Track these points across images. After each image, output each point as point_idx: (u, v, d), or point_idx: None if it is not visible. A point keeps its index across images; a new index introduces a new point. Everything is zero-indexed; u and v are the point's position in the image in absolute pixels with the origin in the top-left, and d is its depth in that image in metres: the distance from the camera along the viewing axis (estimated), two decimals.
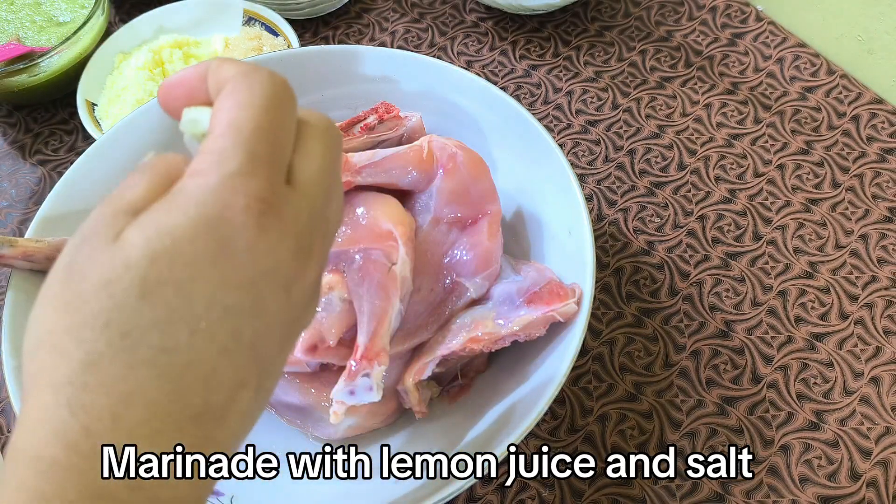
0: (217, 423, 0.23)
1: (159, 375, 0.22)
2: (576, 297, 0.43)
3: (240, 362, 0.23)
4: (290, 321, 0.25)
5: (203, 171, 0.23)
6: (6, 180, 0.65)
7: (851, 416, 0.49)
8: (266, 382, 0.25)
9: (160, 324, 0.22)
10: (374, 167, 0.45)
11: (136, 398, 0.22)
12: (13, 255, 0.44)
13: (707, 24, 0.69)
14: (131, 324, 0.22)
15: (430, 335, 0.45)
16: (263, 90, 0.24)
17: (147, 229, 0.22)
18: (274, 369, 0.26)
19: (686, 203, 0.59)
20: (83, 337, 0.22)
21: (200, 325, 0.22)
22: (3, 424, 0.53)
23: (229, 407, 0.23)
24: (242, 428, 0.25)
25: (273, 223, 0.23)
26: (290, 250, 0.24)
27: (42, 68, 0.64)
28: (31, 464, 0.21)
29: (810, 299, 0.54)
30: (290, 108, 0.25)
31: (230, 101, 0.24)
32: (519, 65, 0.68)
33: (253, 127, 0.24)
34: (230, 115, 0.24)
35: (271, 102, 0.24)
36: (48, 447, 0.21)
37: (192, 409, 0.22)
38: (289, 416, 0.46)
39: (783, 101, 0.64)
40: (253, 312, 0.23)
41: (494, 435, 0.41)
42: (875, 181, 0.59)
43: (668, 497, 0.47)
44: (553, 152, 0.47)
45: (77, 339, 0.22)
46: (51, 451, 0.21)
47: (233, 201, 0.23)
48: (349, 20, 0.73)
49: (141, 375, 0.22)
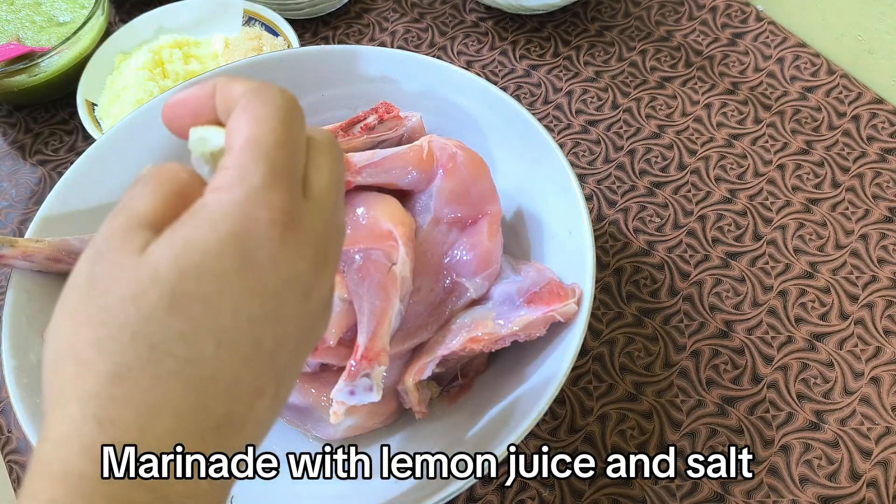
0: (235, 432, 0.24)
1: (185, 387, 0.22)
2: (576, 297, 0.43)
3: (260, 371, 0.24)
4: (307, 329, 0.26)
5: (226, 187, 0.23)
6: (6, 180, 0.65)
7: (852, 417, 0.49)
8: (282, 390, 0.26)
9: (187, 336, 0.22)
10: (374, 167, 0.45)
11: (163, 410, 0.22)
12: (13, 255, 0.44)
13: (707, 24, 0.69)
14: (159, 336, 0.22)
15: (430, 335, 0.45)
16: (276, 106, 0.25)
17: (175, 245, 0.23)
18: (290, 377, 0.26)
19: (686, 203, 0.59)
20: (110, 349, 0.22)
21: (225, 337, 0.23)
22: (3, 424, 0.53)
23: (247, 415, 0.24)
24: (257, 435, 0.25)
25: (294, 235, 0.24)
26: (308, 260, 0.25)
27: (42, 68, 0.64)
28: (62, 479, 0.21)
29: (810, 299, 0.54)
30: (302, 123, 0.26)
31: (246, 117, 0.25)
32: (519, 65, 0.68)
33: (272, 141, 0.24)
34: (248, 130, 0.24)
35: (286, 117, 0.25)
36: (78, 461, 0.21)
37: (214, 419, 0.23)
38: (289, 416, 0.46)
39: (783, 101, 0.64)
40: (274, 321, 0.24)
41: (494, 435, 0.41)
42: (875, 181, 0.59)
43: (668, 497, 0.47)
44: (553, 152, 0.47)
45: (103, 351, 0.22)
46: (80, 465, 0.21)
47: (258, 215, 0.23)
48: (349, 20, 0.73)
49: (167, 387, 0.22)
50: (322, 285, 0.26)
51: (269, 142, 0.24)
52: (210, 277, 0.23)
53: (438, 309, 0.46)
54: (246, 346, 0.23)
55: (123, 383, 0.22)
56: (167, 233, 0.23)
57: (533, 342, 0.44)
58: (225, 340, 0.23)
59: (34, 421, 0.40)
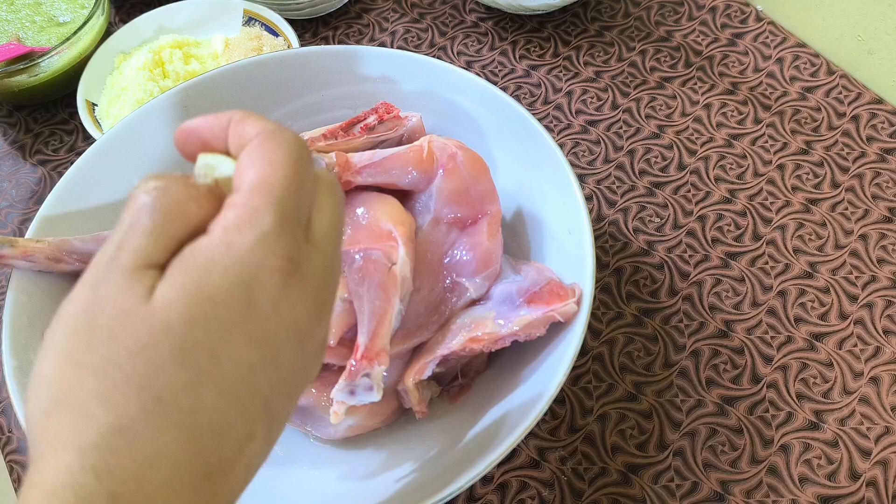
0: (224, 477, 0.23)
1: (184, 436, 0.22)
2: (576, 297, 0.43)
3: (253, 416, 0.24)
4: (301, 373, 0.26)
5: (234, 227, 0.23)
6: (6, 180, 0.65)
7: (851, 416, 0.49)
8: (273, 434, 0.26)
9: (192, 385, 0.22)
10: (374, 167, 0.46)
11: (161, 460, 0.22)
12: (13, 255, 0.44)
13: (707, 24, 0.69)
14: (166, 388, 0.22)
15: (430, 335, 0.45)
16: (290, 150, 0.25)
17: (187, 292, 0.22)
18: (281, 420, 0.26)
19: (686, 203, 0.59)
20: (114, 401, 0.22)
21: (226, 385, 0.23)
22: (3, 424, 0.53)
23: (238, 460, 0.24)
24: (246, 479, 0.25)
25: (296, 280, 0.24)
26: (308, 305, 0.25)
27: (42, 68, 0.64)
28: None
29: (810, 299, 0.54)
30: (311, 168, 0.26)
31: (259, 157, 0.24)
32: (519, 65, 0.68)
33: (284, 186, 0.24)
34: (261, 172, 0.24)
35: (298, 162, 0.25)
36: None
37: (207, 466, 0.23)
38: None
39: (783, 101, 0.64)
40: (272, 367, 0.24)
41: (494, 435, 0.41)
42: (875, 181, 0.59)
43: (668, 497, 0.47)
44: (553, 152, 0.47)
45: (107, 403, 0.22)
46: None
47: (267, 262, 0.23)
48: (349, 20, 0.73)
49: (168, 438, 0.22)
50: (319, 331, 0.26)
51: (280, 187, 0.24)
52: (218, 326, 0.22)
53: (438, 309, 0.46)
54: (243, 393, 0.23)
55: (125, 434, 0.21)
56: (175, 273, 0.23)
57: (533, 342, 0.44)
58: (225, 389, 0.23)
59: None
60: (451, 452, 0.43)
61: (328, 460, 0.46)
